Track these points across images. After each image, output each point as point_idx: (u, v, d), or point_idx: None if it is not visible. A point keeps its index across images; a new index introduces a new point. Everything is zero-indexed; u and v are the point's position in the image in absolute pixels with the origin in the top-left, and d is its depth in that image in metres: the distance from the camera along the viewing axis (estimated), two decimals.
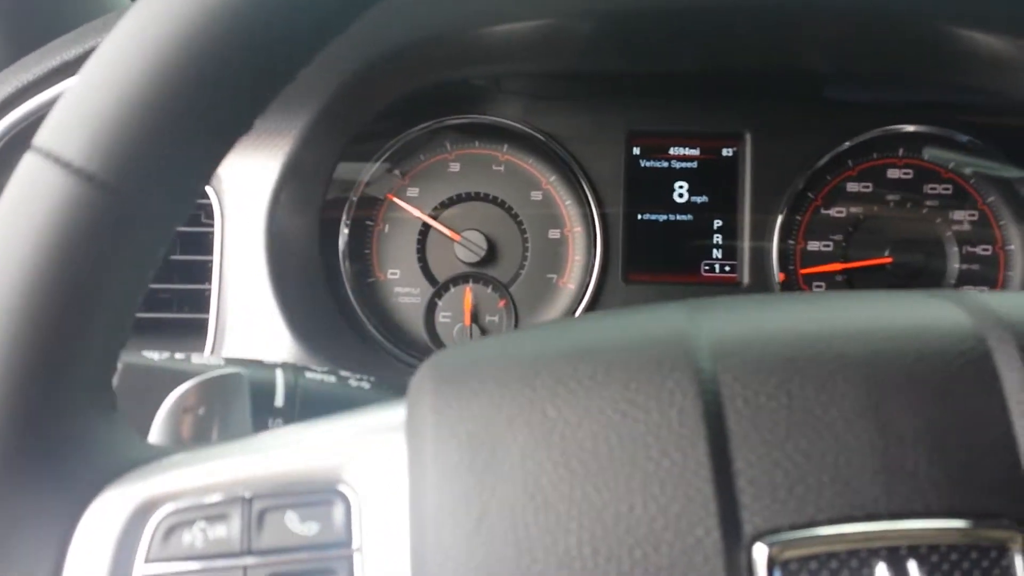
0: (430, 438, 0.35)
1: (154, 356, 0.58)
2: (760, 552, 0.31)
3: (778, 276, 1.00)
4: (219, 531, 0.36)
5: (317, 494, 0.37)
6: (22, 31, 0.98)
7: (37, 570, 0.36)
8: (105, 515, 0.37)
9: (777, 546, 0.31)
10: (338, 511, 0.36)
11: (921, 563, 0.31)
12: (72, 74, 0.81)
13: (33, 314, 0.34)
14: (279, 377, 0.60)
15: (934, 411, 0.33)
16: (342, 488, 0.37)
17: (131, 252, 0.36)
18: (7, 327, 0.34)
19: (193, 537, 0.36)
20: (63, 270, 0.34)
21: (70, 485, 0.37)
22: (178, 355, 0.60)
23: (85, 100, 0.35)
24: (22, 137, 0.84)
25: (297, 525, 0.36)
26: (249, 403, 0.55)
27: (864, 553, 0.31)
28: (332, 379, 0.64)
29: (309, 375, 0.63)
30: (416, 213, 1.02)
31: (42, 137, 0.35)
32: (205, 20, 0.34)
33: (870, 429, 0.32)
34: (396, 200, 1.02)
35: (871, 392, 0.33)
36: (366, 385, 0.66)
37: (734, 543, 0.31)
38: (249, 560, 0.36)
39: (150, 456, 0.39)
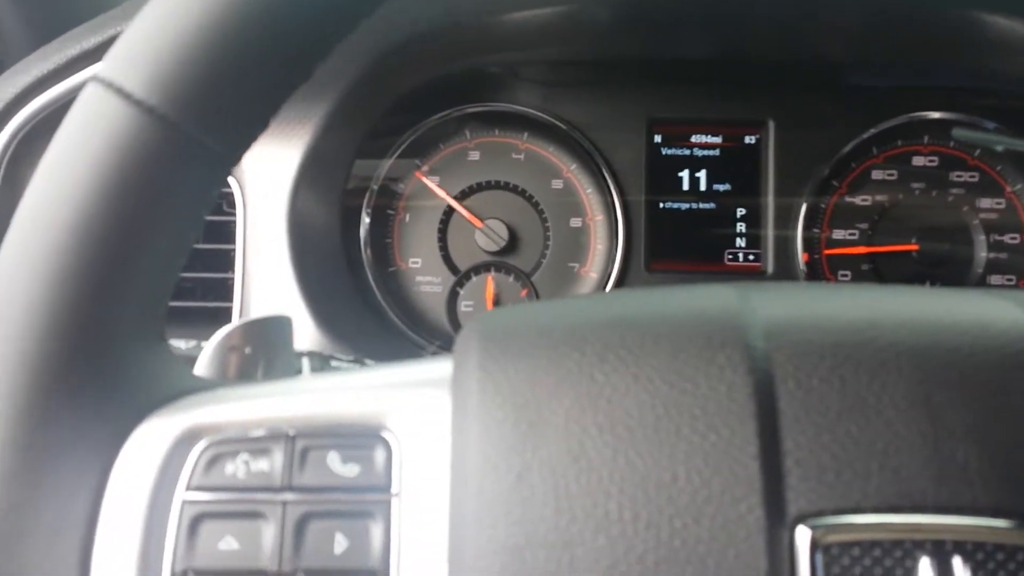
0: (475, 392, 0.35)
1: None
2: (803, 534, 0.30)
3: (803, 264, 0.99)
4: (261, 464, 0.36)
5: (360, 438, 0.37)
6: (40, 20, 0.99)
7: (81, 491, 0.36)
8: (149, 441, 0.37)
9: (820, 529, 0.30)
10: (379, 456, 0.36)
11: (966, 560, 0.30)
12: (93, 61, 0.81)
13: (89, 238, 0.35)
14: (305, 365, 0.60)
15: (986, 407, 0.32)
16: (385, 434, 0.37)
17: (186, 187, 0.37)
18: (62, 255, 0.34)
19: (235, 468, 0.37)
20: (121, 198, 0.35)
21: (116, 409, 0.38)
22: None
23: (149, 35, 0.35)
24: (42, 126, 0.84)
25: (339, 466, 0.36)
26: (293, 348, 0.56)
27: (908, 544, 0.30)
28: (356, 367, 0.63)
29: (335, 363, 0.63)
30: (441, 194, 1.01)
31: (106, 68, 0.35)
32: None
33: (921, 420, 0.32)
34: (423, 179, 1.02)
35: (924, 383, 0.33)
36: (382, 365, 0.66)
37: (777, 523, 0.31)
38: (289, 496, 0.36)
39: (196, 387, 0.40)
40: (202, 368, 0.53)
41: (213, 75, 0.35)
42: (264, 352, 0.54)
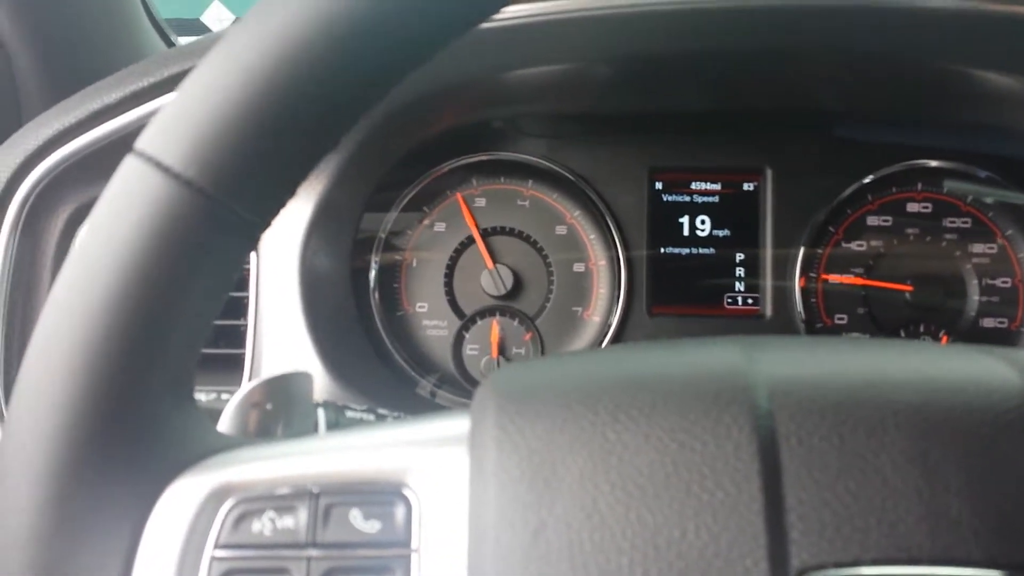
0: (492, 451, 0.37)
1: None
2: None
3: (800, 309, 1.01)
4: (287, 522, 0.38)
5: (381, 495, 0.39)
6: (60, 74, 1.01)
7: (114, 549, 0.38)
8: (180, 500, 0.39)
9: None
10: (400, 512, 0.38)
11: None
12: (114, 116, 0.84)
13: (125, 308, 0.36)
14: (321, 415, 0.62)
15: (980, 463, 0.34)
16: (405, 491, 0.39)
17: (218, 254, 0.39)
18: (101, 320, 0.36)
19: (262, 526, 0.38)
20: (156, 266, 0.37)
21: (149, 470, 0.39)
22: None
23: (186, 110, 0.37)
24: (62, 177, 0.87)
25: (361, 522, 0.38)
26: (312, 404, 0.57)
27: None
28: (371, 417, 0.65)
29: (349, 414, 0.64)
30: (469, 223, 1.04)
31: (144, 142, 0.38)
32: (300, 47, 0.36)
33: (917, 476, 0.34)
34: (460, 202, 1.05)
35: (920, 440, 0.34)
36: (398, 418, 0.68)
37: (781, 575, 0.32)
38: (313, 552, 0.38)
39: (222, 446, 0.42)
40: (225, 425, 0.54)
41: (246, 149, 0.37)
42: (284, 408, 0.56)
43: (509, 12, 0.79)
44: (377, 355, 1.01)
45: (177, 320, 0.38)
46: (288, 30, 0.37)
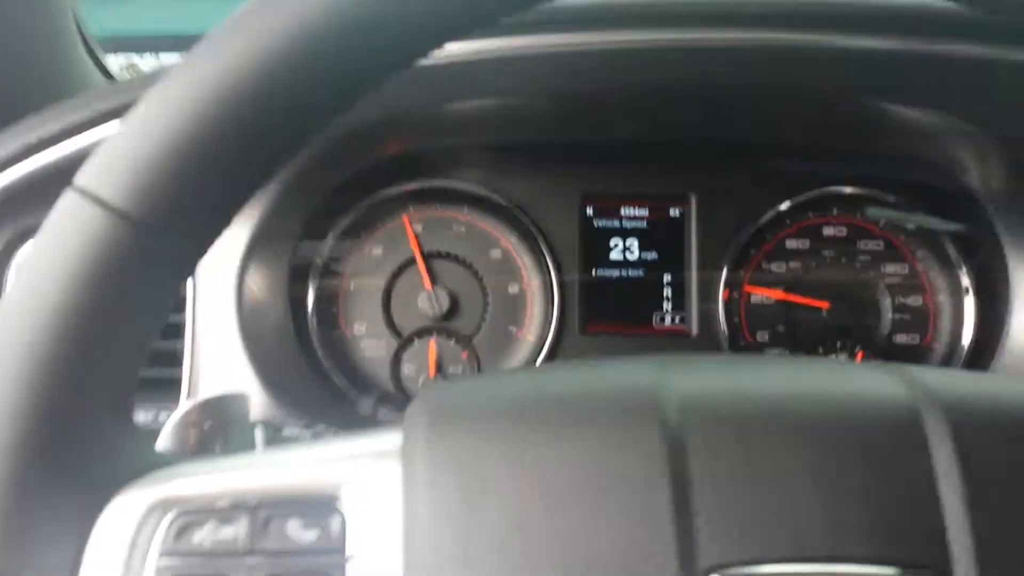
0: (423, 463, 0.39)
1: None
2: None
3: (724, 326, 1.06)
4: (227, 532, 0.40)
5: (318, 506, 0.40)
6: None
7: (59, 563, 0.39)
8: (122, 514, 0.40)
9: None
10: (336, 522, 0.40)
11: None
12: (50, 147, 0.84)
13: (64, 333, 0.38)
14: (259, 434, 0.64)
15: (871, 471, 0.37)
16: (341, 503, 0.40)
17: (155, 282, 0.40)
18: (39, 344, 0.38)
19: (203, 536, 0.40)
20: (93, 294, 0.38)
21: (91, 486, 0.41)
22: None
23: (122, 146, 0.38)
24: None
25: (298, 532, 0.40)
26: (250, 422, 0.59)
27: None
28: (308, 433, 0.67)
29: (286, 432, 0.66)
30: (412, 242, 1.07)
31: (82, 177, 0.39)
32: (233, 85, 0.38)
33: (816, 482, 0.36)
34: (407, 225, 1.07)
35: (818, 449, 0.37)
36: (331, 436, 0.70)
37: (690, 574, 0.35)
38: (252, 560, 0.39)
39: (162, 463, 0.43)
40: (164, 443, 0.56)
41: (182, 183, 0.38)
42: (222, 427, 0.58)
43: (447, 49, 0.81)
44: (316, 376, 1.03)
45: (115, 346, 0.40)
46: (224, 68, 0.38)
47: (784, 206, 1.06)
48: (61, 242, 0.38)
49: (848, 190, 1.06)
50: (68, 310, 0.38)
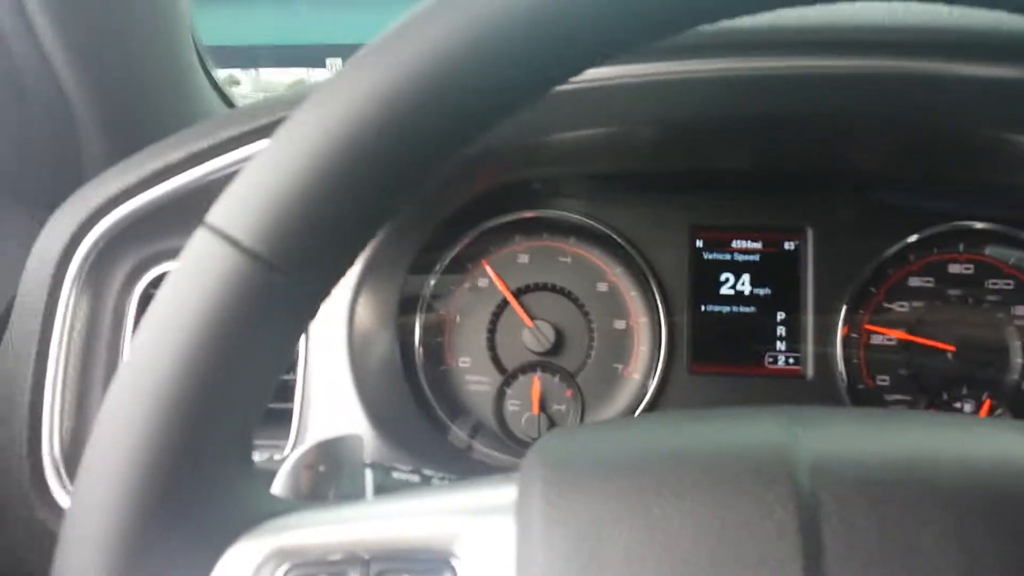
0: (539, 523, 0.38)
1: None
2: None
3: (842, 369, 1.01)
4: None
5: (430, 562, 0.40)
6: (122, 133, 1.05)
7: None
8: (238, 564, 0.41)
9: None
10: None
11: None
12: (174, 176, 0.87)
13: (193, 377, 0.38)
14: (369, 476, 0.64)
15: (1017, 544, 0.34)
16: (453, 560, 0.40)
17: (283, 323, 0.41)
18: (170, 387, 0.38)
19: None
20: (223, 338, 0.38)
21: (210, 534, 0.41)
22: None
23: (254, 186, 0.39)
24: (125, 234, 0.90)
25: None
26: (362, 465, 0.59)
27: None
28: (416, 478, 0.67)
29: (396, 475, 0.66)
30: (500, 287, 1.06)
31: (214, 216, 0.39)
32: (364, 122, 0.38)
33: (956, 558, 0.34)
34: (487, 267, 1.07)
35: (960, 521, 0.35)
36: (445, 482, 0.70)
37: None
38: None
39: (278, 510, 0.43)
40: (279, 487, 0.56)
41: (312, 224, 0.39)
42: (335, 470, 0.58)
43: None
44: (420, 409, 1.03)
45: (241, 388, 0.40)
46: (352, 108, 0.38)
47: (908, 241, 1.01)
48: (191, 281, 0.39)
49: (978, 226, 1.01)
50: (198, 351, 0.38)
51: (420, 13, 0.39)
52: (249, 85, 2.45)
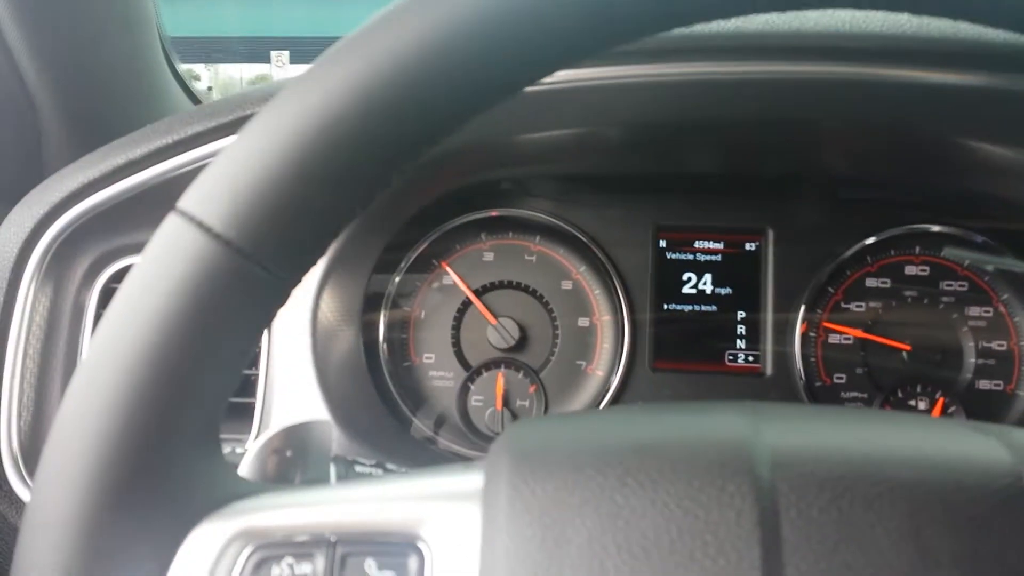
0: (505, 508, 0.38)
1: None
2: None
3: (800, 367, 1.03)
4: (304, 568, 0.40)
5: (396, 546, 0.40)
6: (84, 129, 1.04)
7: None
8: (203, 544, 0.41)
9: None
10: (413, 563, 0.40)
11: None
12: (137, 171, 0.87)
13: (161, 359, 0.38)
14: (332, 469, 0.64)
15: (970, 539, 0.35)
16: (419, 543, 0.40)
17: (251, 310, 0.41)
18: (138, 369, 0.38)
19: (281, 571, 0.40)
20: (192, 321, 0.38)
21: (177, 514, 0.41)
22: None
23: (227, 173, 0.39)
24: (86, 227, 0.89)
25: (375, 571, 0.40)
26: (329, 454, 0.59)
27: None
28: (379, 472, 0.67)
29: (359, 468, 0.66)
30: (462, 287, 1.07)
31: (187, 201, 0.39)
32: (336, 117, 0.38)
33: (910, 551, 0.35)
34: (448, 269, 1.07)
35: (915, 517, 0.36)
36: (411, 472, 0.70)
37: None
38: None
39: (243, 492, 0.43)
40: (245, 469, 0.56)
41: (283, 212, 0.39)
42: (302, 456, 0.58)
43: None
44: (383, 404, 1.03)
45: (210, 372, 0.40)
46: (326, 100, 0.38)
47: (865, 243, 1.03)
48: (162, 265, 0.39)
49: (935, 228, 1.03)
50: (165, 333, 0.38)
51: (394, 9, 0.39)
52: (207, 81, 2.43)
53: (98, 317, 0.92)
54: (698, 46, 0.79)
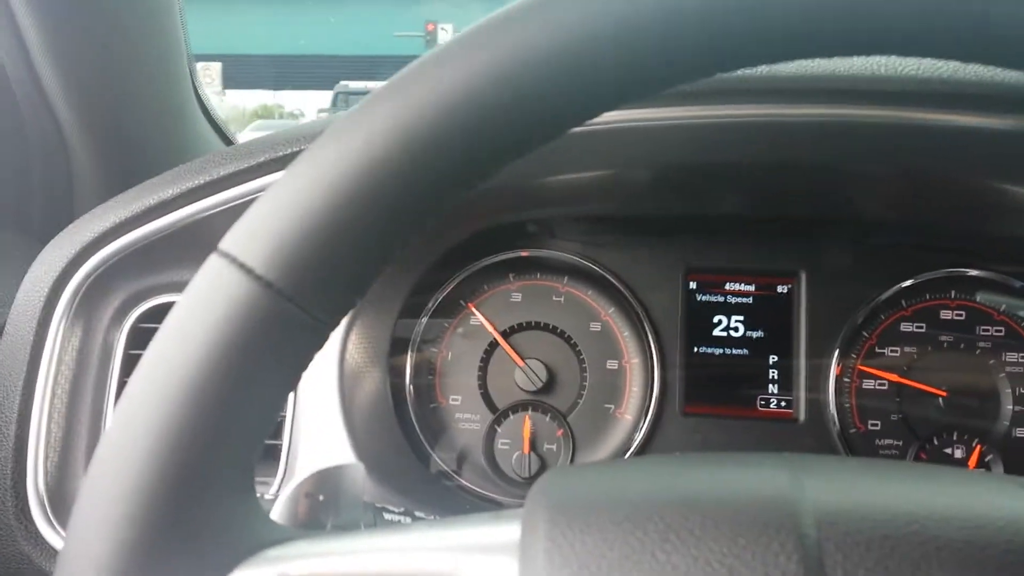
0: (542, 563, 0.37)
1: None
2: None
3: (834, 413, 1.01)
4: None
5: None
6: (116, 169, 1.05)
7: None
8: None
9: None
10: None
11: None
12: (169, 212, 0.87)
13: (200, 401, 0.38)
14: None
15: None
16: None
17: (290, 353, 0.41)
18: (177, 410, 0.38)
19: None
20: (232, 363, 0.38)
21: (210, 560, 0.40)
22: None
23: (269, 215, 0.39)
24: (116, 267, 0.90)
25: None
26: (360, 499, 0.59)
27: None
28: (408, 520, 0.66)
29: (387, 516, 0.65)
30: (489, 328, 1.06)
31: (228, 242, 0.40)
32: (378, 162, 0.38)
33: None
34: (473, 311, 1.07)
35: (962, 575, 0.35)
36: (444, 519, 0.69)
37: None
38: None
39: (277, 539, 0.43)
40: (277, 513, 0.56)
41: (324, 256, 0.39)
42: (335, 500, 0.58)
43: None
44: (410, 447, 1.02)
45: (248, 415, 0.40)
46: (368, 144, 0.39)
47: (900, 286, 1.02)
48: (203, 305, 0.39)
49: (970, 272, 1.01)
50: (205, 374, 0.38)
51: (437, 53, 0.39)
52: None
53: (126, 357, 0.92)
54: (725, 88, 0.79)
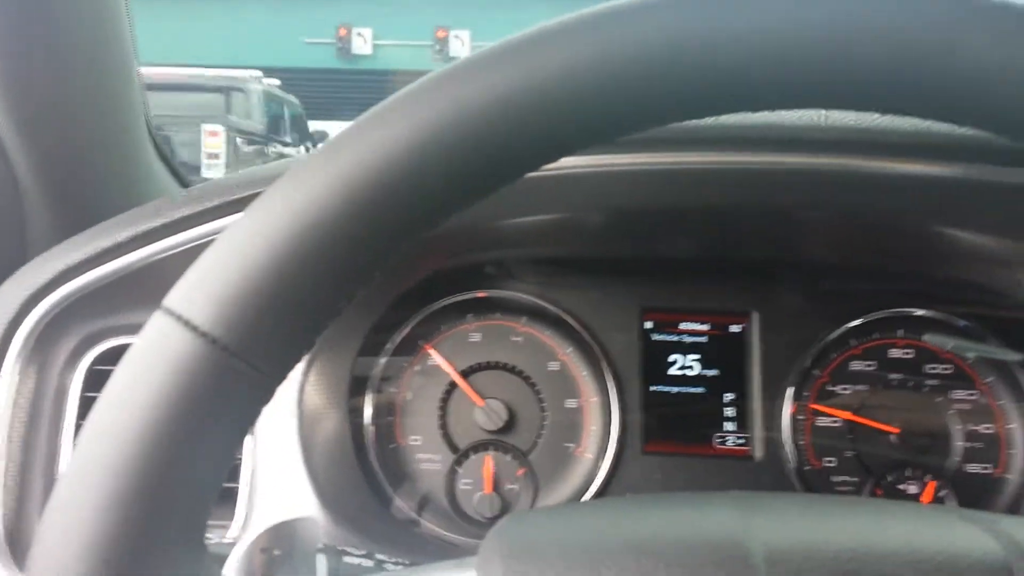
0: None
1: None
2: None
3: (790, 451, 1.03)
4: None
5: None
6: (70, 212, 1.05)
7: None
8: None
9: None
10: None
11: None
12: (123, 254, 0.87)
13: (147, 458, 0.38)
14: (322, 561, 0.63)
15: None
16: None
17: (237, 407, 0.40)
18: (124, 468, 0.38)
19: None
20: (179, 421, 0.38)
21: None
22: None
23: (212, 272, 0.39)
24: (69, 311, 0.89)
25: None
26: (315, 548, 0.59)
27: None
28: (370, 563, 0.66)
29: (347, 559, 0.65)
30: (448, 369, 1.06)
31: (172, 299, 0.40)
32: (321, 217, 0.39)
33: None
34: (431, 351, 1.07)
35: None
36: (401, 569, 0.69)
37: None
38: None
39: None
40: (233, 569, 0.56)
41: (268, 311, 0.39)
42: (289, 554, 0.58)
43: None
44: (370, 488, 1.02)
45: (195, 471, 0.40)
46: (310, 200, 0.39)
47: (848, 326, 1.04)
48: (148, 363, 0.39)
49: (918, 312, 1.04)
50: (152, 434, 0.38)
51: (380, 109, 0.40)
52: None
53: (83, 400, 0.91)
54: (676, 137, 0.82)
